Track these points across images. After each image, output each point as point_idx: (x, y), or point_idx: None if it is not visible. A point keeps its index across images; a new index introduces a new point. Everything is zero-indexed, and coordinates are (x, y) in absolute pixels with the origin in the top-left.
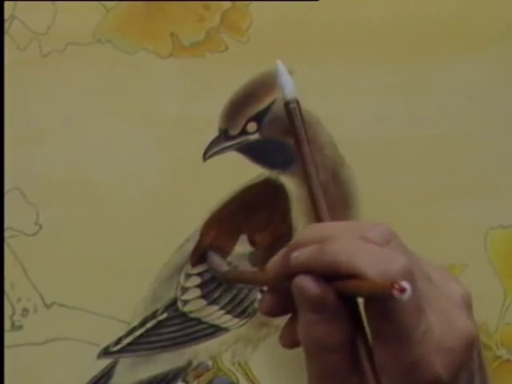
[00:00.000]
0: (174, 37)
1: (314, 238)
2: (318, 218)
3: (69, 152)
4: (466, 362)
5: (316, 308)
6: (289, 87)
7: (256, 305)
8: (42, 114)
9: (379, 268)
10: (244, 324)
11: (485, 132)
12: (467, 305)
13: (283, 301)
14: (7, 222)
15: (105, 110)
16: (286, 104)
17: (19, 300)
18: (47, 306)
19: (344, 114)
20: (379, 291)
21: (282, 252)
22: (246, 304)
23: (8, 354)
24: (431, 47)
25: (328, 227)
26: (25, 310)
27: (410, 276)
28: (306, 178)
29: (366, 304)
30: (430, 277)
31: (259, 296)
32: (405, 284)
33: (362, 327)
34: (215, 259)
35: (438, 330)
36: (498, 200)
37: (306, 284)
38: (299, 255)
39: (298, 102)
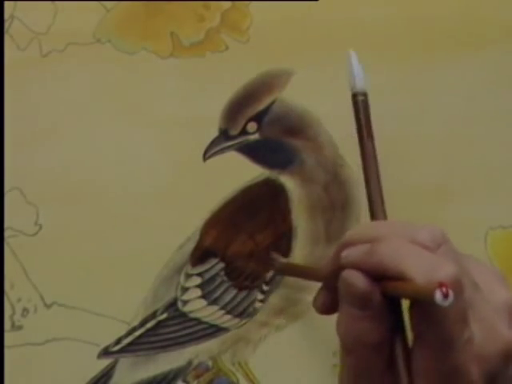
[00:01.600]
0: (174, 37)
1: (365, 237)
2: (373, 216)
3: (69, 152)
4: (504, 370)
5: (361, 304)
6: (359, 78)
7: (256, 305)
8: (41, 113)
9: (427, 275)
10: (244, 324)
11: (485, 132)
12: (510, 313)
13: (337, 298)
14: (7, 222)
15: (105, 110)
16: (354, 95)
17: (19, 300)
18: (47, 306)
19: (345, 114)
20: (422, 294)
21: (334, 249)
22: (245, 304)
23: (8, 353)
24: (431, 47)
25: (380, 226)
26: (25, 310)
27: (457, 285)
28: (364, 173)
29: (411, 307)
30: (477, 283)
31: (260, 296)
32: (449, 290)
33: (403, 329)
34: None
35: (479, 338)
36: (498, 200)
37: (354, 279)
38: (348, 254)
39: (366, 95)
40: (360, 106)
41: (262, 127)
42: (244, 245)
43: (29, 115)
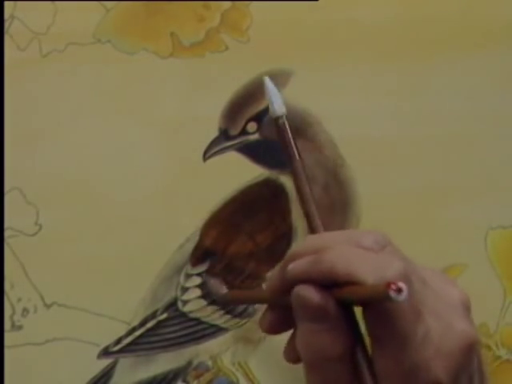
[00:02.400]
0: (173, 37)
1: (310, 249)
2: (312, 230)
3: (69, 152)
4: (466, 364)
5: (317, 317)
6: (277, 103)
7: (256, 305)
8: (41, 113)
9: (376, 273)
10: (244, 324)
11: (485, 132)
12: (466, 308)
13: (284, 317)
14: (7, 222)
15: (105, 110)
16: (276, 119)
17: (19, 300)
18: (47, 306)
19: (344, 114)
20: (376, 294)
21: (278, 267)
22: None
23: (8, 354)
24: (431, 47)
25: (323, 237)
26: (25, 310)
27: (406, 280)
28: (297, 192)
29: (364, 311)
30: (426, 281)
31: None
32: (400, 284)
33: (361, 336)
34: (213, 283)
35: (437, 334)
36: (498, 200)
37: (307, 293)
38: (295, 266)
39: (286, 117)
40: (282, 128)
41: (262, 127)
42: (244, 245)
43: (29, 115)
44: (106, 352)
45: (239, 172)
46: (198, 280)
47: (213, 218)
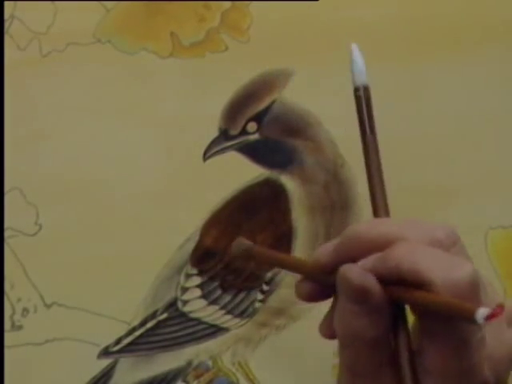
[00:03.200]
0: (173, 37)
1: (375, 236)
2: (376, 212)
3: (69, 152)
4: (506, 374)
5: (357, 298)
6: (358, 73)
7: (256, 305)
8: (41, 113)
9: (445, 275)
10: (244, 324)
11: (485, 132)
12: (509, 319)
13: (323, 287)
14: (7, 222)
15: (105, 110)
16: (355, 90)
17: (19, 300)
18: (47, 306)
19: (344, 114)
20: (459, 312)
21: (331, 245)
22: (246, 304)
23: (8, 354)
24: (431, 47)
25: (390, 226)
26: (25, 310)
27: (475, 286)
28: (367, 168)
29: None
30: (485, 287)
31: (260, 296)
32: (489, 311)
33: (406, 326)
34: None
35: (489, 339)
36: (498, 200)
37: (351, 274)
38: (365, 264)
39: (366, 89)
40: (361, 100)
41: (262, 127)
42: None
43: (29, 115)
44: (106, 352)
45: (239, 172)
46: (198, 280)
47: (213, 217)
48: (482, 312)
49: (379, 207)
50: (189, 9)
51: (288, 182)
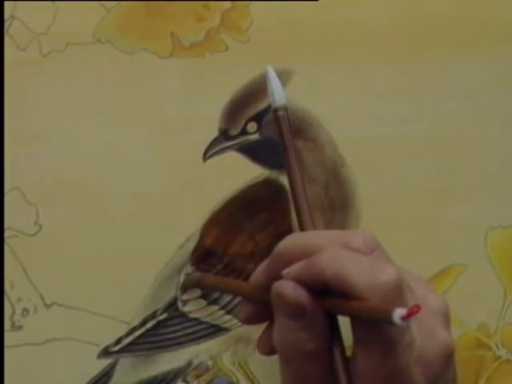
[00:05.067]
0: (174, 37)
1: (297, 249)
2: (302, 226)
3: (69, 152)
4: (444, 373)
5: (293, 314)
6: (278, 94)
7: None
8: (42, 113)
9: (368, 278)
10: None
11: (485, 132)
12: (446, 317)
13: (262, 309)
14: (7, 222)
15: (105, 110)
16: (275, 111)
17: (19, 300)
18: (47, 306)
19: (344, 114)
20: (378, 315)
21: (264, 264)
22: None
23: (8, 353)
24: (431, 47)
25: (311, 237)
26: (25, 310)
27: (398, 287)
28: (290, 186)
29: None
30: (412, 288)
31: None
32: (405, 312)
33: (339, 335)
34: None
35: (419, 341)
36: (498, 200)
37: (284, 290)
38: (289, 271)
39: (286, 109)
40: (281, 119)
41: (262, 127)
42: (244, 245)
43: (29, 115)
44: (106, 352)
45: (239, 172)
46: None
47: (213, 217)
48: (398, 312)
49: (304, 222)
50: (189, 9)
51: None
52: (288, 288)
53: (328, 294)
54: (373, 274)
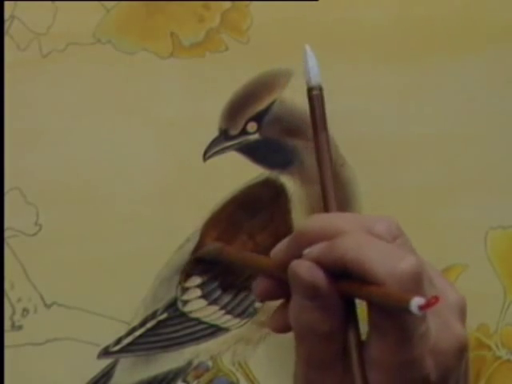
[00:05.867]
0: (174, 37)
1: (320, 230)
2: (326, 208)
3: (69, 152)
4: (456, 367)
5: (309, 294)
6: (313, 73)
7: (256, 305)
8: (41, 113)
9: (387, 265)
10: (244, 324)
11: (485, 132)
12: (462, 312)
13: (278, 286)
14: (7, 222)
15: (105, 110)
16: (309, 90)
17: (19, 300)
18: (47, 306)
19: (344, 114)
20: (397, 304)
21: (286, 241)
22: (246, 304)
23: (8, 354)
24: (431, 47)
25: (335, 219)
26: (25, 310)
27: (418, 277)
28: (318, 167)
29: None
30: (432, 279)
31: None
32: (424, 301)
33: (355, 319)
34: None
35: (434, 332)
36: (498, 200)
37: (299, 269)
38: (310, 252)
39: (321, 90)
40: (314, 99)
41: (262, 127)
42: (244, 245)
43: (29, 115)
44: (106, 352)
45: (239, 172)
46: (198, 280)
47: (213, 217)
48: (416, 301)
49: (330, 204)
50: (189, 9)
51: (288, 181)
52: (303, 268)
53: (347, 278)
54: (393, 262)
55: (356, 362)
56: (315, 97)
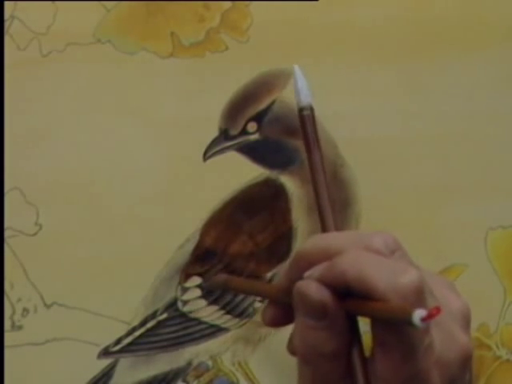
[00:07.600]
0: (174, 37)
1: (319, 250)
2: (324, 228)
3: (69, 152)
4: (461, 376)
5: (316, 314)
6: (303, 93)
7: (256, 305)
8: (42, 113)
9: (388, 281)
10: (244, 324)
11: (485, 132)
12: (466, 320)
13: (286, 311)
14: (7, 222)
15: (105, 110)
16: (300, 110)
17: (19, 300)
18: (47, 306)
19: (344, 114)
20: (398, 315)
21: (286, 266)
22: (246, 304)
23: (8, 353)
24: (431, 47)
25: (332, 239)
26: (25, 310)
27: (419, 290)
28: (314, 186)
29: None
30: (432, 290)
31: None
32: (425, 313)
33: (359, 336)
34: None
35: (438, 344)
36: (498, 200)
37: (306, 289)
38: (312, 273)
39: (312, 109)
40: (306, 119)
41: (262, 127)
42: (244, 245)
43: (29, 115)
44: (106, 352)
45: (239, 172)
46: (198, 280)
47: (213, 217)
48: (418, 313)
49: (327, 223)
50: (189, 9)
51: (288, 181)
52: (312, 288)
53: (349, 296)
54: (394, 276)
55: (361, 379)
56: (306, 117)
